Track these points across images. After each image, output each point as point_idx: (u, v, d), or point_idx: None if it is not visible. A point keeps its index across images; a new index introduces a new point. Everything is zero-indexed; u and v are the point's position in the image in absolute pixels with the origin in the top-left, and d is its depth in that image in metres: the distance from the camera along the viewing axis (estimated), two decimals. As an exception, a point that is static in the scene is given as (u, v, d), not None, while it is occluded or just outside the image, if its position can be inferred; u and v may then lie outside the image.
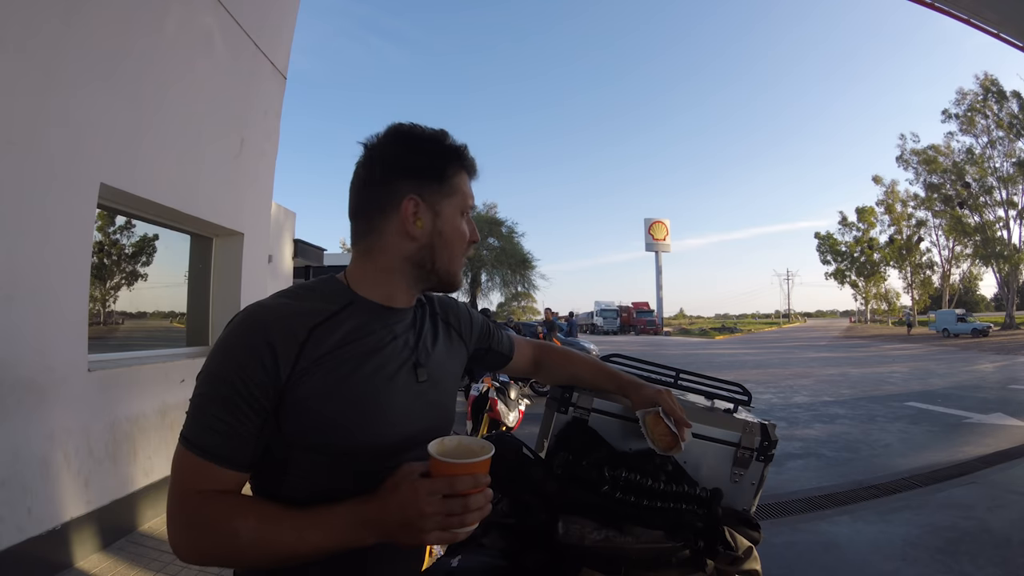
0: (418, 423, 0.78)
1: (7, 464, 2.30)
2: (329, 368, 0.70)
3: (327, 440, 0.71)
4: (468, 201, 0.82)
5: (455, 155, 0.80)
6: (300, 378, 0.68)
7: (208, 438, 0.66)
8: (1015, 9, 6.81)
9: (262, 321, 0.70)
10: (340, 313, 0.75)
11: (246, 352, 0.67)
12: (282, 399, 0.68)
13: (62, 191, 2.61)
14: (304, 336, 0.70)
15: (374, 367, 0.75)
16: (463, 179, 0.81)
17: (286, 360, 0.68)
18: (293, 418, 0.69)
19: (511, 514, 0.84)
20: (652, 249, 47.73)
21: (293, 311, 0.72)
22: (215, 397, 0.66)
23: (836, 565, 2.84)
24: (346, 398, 0.71)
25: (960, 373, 11.72)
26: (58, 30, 2.53)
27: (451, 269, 0.81)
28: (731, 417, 0.96)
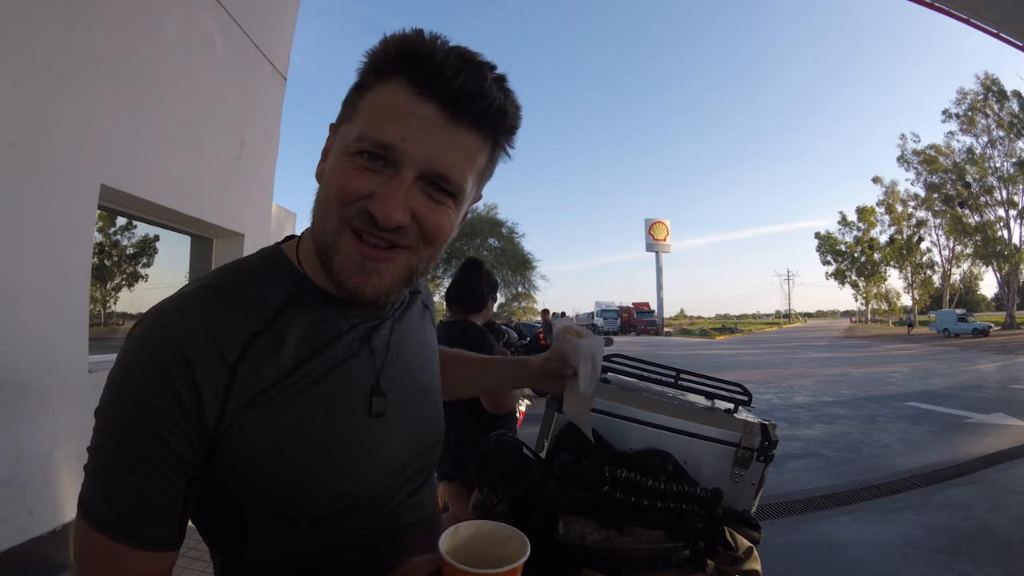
0: (403, 455, 0.60)
1: (8, 464, 2.30)
2: (282, 402, 0.50)
3: (290, 500, 0.51)
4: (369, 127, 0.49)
5: (378, 53, 0.51)
6: (239, 417, 0.48)
7: (113, 509, 0.46)
8: (1015, 9, 6.81)
9: (169, 335, 0.47)
10: (285, 310, 0.53)
11: (150, 385, 0.46)
12: (213, 448, 0.48)
13: (63, 192, 2.61)
14: (237, 352, 0.49)
15: (341, 392, 0.54)
16: (382, 93, 0.50)
17: (212, 392, 0.47)
18: (236, 474, 0.49)
19: (511, 514, 0.84)
20: (652, 249, 47.79)
21: (216, 313, 0.50)
22: (116, 453, 0.46)
23: (836, 565, 2.84)
24: (313, 440, 0.51)
25: (961, 373, 11.71)
26: (59, 31, 2.54)
27: (324, 241, 0.52)
28: (731, 417, 0.96)
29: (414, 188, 0.50)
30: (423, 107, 0.48)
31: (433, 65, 0.48)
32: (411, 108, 0.48)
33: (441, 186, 0.51)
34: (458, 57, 0.48)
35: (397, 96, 0.49)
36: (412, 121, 0.48)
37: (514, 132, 0.54)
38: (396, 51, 0.49)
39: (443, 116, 0.49)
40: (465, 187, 0.52)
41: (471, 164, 0.52)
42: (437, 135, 0.49)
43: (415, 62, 0.48)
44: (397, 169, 0.49)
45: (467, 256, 25.33)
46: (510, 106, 0.52)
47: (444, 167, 0.50)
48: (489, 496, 0.89)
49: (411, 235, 0.51)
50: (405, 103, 0.49)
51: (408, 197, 0.49)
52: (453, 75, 0.47)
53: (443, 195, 0.51)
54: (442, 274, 26.08)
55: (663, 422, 0.94)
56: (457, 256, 25.11)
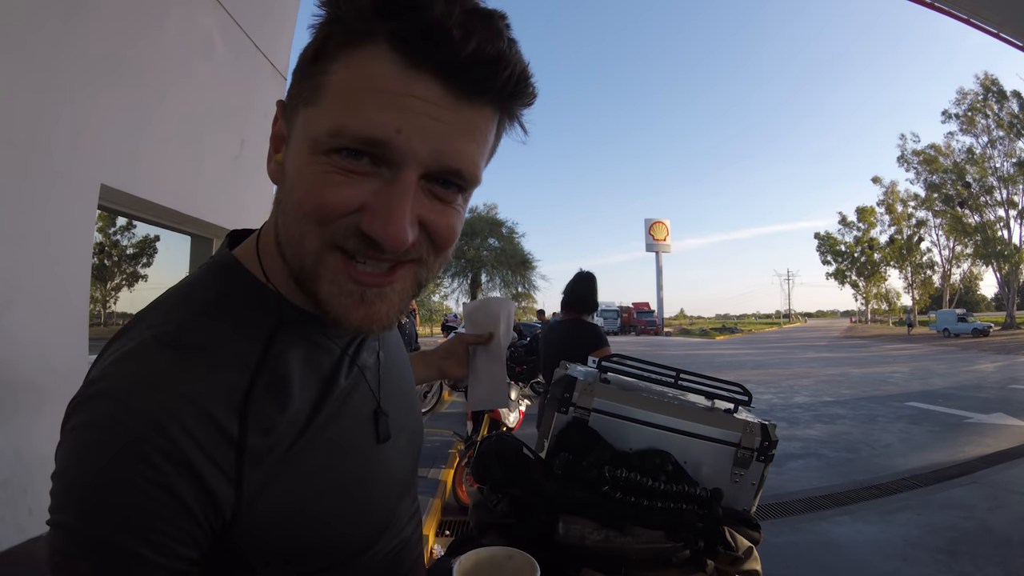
0: (408, 471, 0.58)
1: (8, 465, 2.30)
2: (302, 456, 0.42)
3: (308, 550, 0.43)
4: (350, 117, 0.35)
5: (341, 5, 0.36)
6: (258, 493, 0.39)
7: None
8: (1015, 9, 6.81)
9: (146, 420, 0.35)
10: (270, 351, 0.42)
11: (138, 489, 0.34)
12: (232, 530, 0.39)
13: (62, 192, 2.61)
14: (235, 423, 0.38)
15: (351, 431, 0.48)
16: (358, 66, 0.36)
17: (221, 479, 0.37)
18: (255, 541, 0.41)
19: (511, 514, 0.84)
20: (652, 249, 47.76)
21: (194, 376, 0.38)
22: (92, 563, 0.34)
23: (837, 565, 2.84)
24: (333, 489, 0.44)
25: (961, 373, 11.71)
26: (57, 30, 2.54)
27: (302, 265, 0.40)
28: (731, 417, 0.96)
29: (417, 190, 0.38)
30: (422, 84, 0.35)
31: (431, 21, 0.33)
32: (405, 87, 0.35)
33: (452, 181, 0.39)
34: (461, 8, 0.34)
35: (381, 69, 0.35)
36: (410, 105, 0.35)
37: (532, 103, 0.41)
38: (372, 3, 0.35)
39: (448, 94, 0.36)
40: (478, 176, 0.41)
41: (482, 147, 0.40)
42: (444, 120, 0.36)
43: (401, 15, 0.34)
44: (395, 170, 0.37)
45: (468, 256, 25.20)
46: (529, 72, 0.39)
47: (455, 160, 0.38)
48: (489, 496, 0.89)
49: (420, 247, 0.40)
50: (394, 80, 0.35)
51: (414, 206, 0.38)
52: (462, 37, 0.34)
53: (451, 191, 0.40)
54: (442, 274, 26.10)
55: (663, 422, 0.94)
56: (457, 256, 25.13)
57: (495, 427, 3.83)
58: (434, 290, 27.79)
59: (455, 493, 3.44)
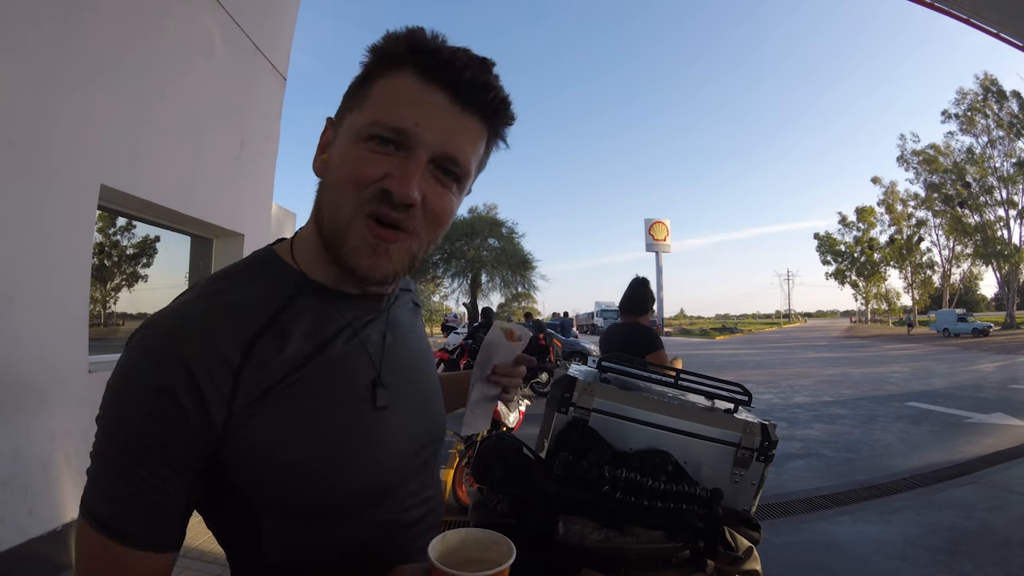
0: (409, 446, 0.62)
1: (8, 465, 2.30)
2: (286, 398, 0.51)
3: (298, 497, 0.52)
4: (383, 113, 0.51)
5: (385, 46, 0.53)
6: (244, 418, 0.48)
7: (112, 510, 0.47)
8: (1015, 9, 6.81)
9: (170, 342, 0.48)
10: (286, 309, 0.54)
11: (150, 395, 0.46)
12: (220, 452, 0.49)
13: (62, 192, 2.61)
14: (239, 357, 0.49)
15: (343, 387, 0.56)
16: (392, 82, 0.52)
17: (216, 398, 0.47)
18: (246, 474, 0.50)
19: (511, 514, 0.84)
20: (652, 249, 47.69)
21: (216, 317, 0.50)
22: (117, 459, 0.47)
23: (837, 565, 2.84)
24: (319, 435, 0.52)
25: (961, 373, 11.71)
26: (57, 31, 2.54)
27: (335, 228, 0.53)
28: (731, 417, 0.96)
29: (425, 171, 0.52)
30: (435, 95, 0.51)
31: (444, 57, 0.51)
32: (423, 96, 0.51)
33: (448, 168, 0.54)
34: (465, 52, 0.52)
35: (408, 84, 0.51)
36: (425, 107, 0.51)
37: (511, 124, 0.58)
38: (405, 44, 0.52)
39: (453, 103, 0.52)
40: (470, 170, 0.56)
41: (475, 150, 0.55)
42: (447, 120, 0.52)
43: (425, 54, 0.51)
44: (411, 152, 0.51)
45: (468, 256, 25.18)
46: (509, 100, 0.56)
47: (454, 150, 0.53)
48: (489, 496, 0.89)
49: (416, 218, 0.53)
50: (417, 91, 0.51)
51: (421, 179, 0.52)
52: (462, 67, 0.51)
53: (449, 178, 0.55)
54: (442, 274, 26.07)
55: (663, 422, 0.94)
56: (457, 256, 25.09)
57: (495, 427, 3.84)
58: (434, 290, 27.78)
59: (455, 493, 3.44)
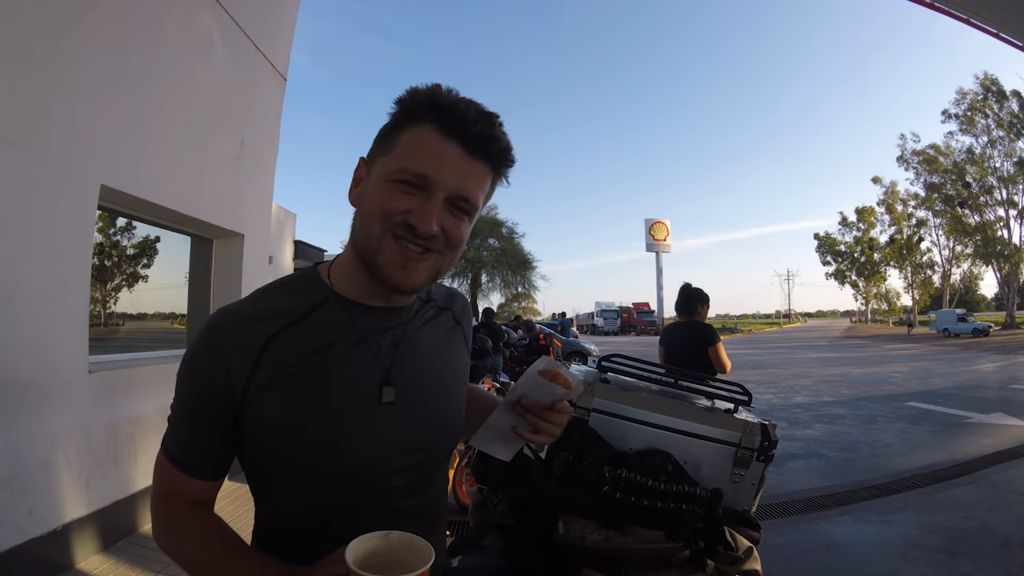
0: (405, 443, 0.69)
1: (8, 465, 2.30)
2: (291, 384, 0.64)
3: (293, 469, 0.65)
4: (409, 161, 0.62)
5: (410, 103, 0.64)
6: (257, 394, 0.63)
7: (174, 444, 0.67)
8: (1015, 9, 6.81)
9: (217, 329, 0.65)
10: (310, 315, 0.68)
11: (200, 363, 0.65)
12: (241, 416, 0.64)
13: (62, 192, 2.61)
14: (261, 345, 0.64)
15: (345, 381, 0.66)
16: (416, 134, 0.63)
17: (239, 374, 0.63)
18: (254, 441, 0.65)
19: (511, 514, 0.84)
20: (653, 249, 47.64)
21: (253, 315, 0.66)
22: (177, 405, 0.67)
23: (836, 565, 2.84)
24: (311, 420, 0.64)
25: (961, 373, 11.71)
26: (58, 31, 2.54)
27: (368, 246, 0.64)
28: (731, 417, 0.96)
29: (443, 207, 0.64)
30: (450, 146, 0.62)
31: (458, 114, 0.62)
32: (441, 147, 0.62)
33: (461, 206, 0.65)
34: (475, 108, 0.63)
35: (429, 137, 0.62)
36: (442, 157, 0.62)
37: (511, 166, 0.69)
38: (427, 102, 0.63)
39: (465, 153, 0.63)
40: (478, 205, 0.67)
41: (482, 188, 0.67)
42: (460, 167, 0.63)
43: (443, 111, 0.62)
44: (430, 193, 0.62)
45: (468, 256, 25.15)
46: (511, 147, 0.67)
47: (466, 191, 0.64)
48: (489, 496, 0.90)
49: (439, 242, 0.64)
50: (436, 143, 0.62)
51: (439, 215, 0.63)
52: (473, 123, 0.62)
53: (461, 212, 0.66)
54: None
55: (663, 422, 0.94)
56: (461, 258, 25.04)
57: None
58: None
59: (455, 493, 3.44)
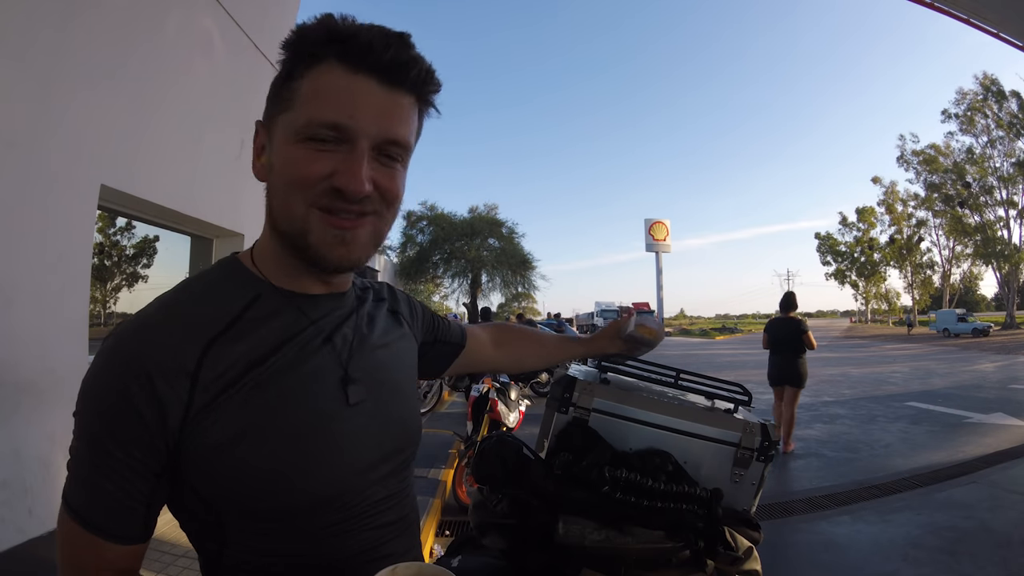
0: (374, 451, 0.61)
1: (8, 465, 2.30)
2: (244, 397, 0.51)
3: (260, 497, 0.52)
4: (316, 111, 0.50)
5: (301, 42, 0.52)
6: (201, 418, 0.50)
7: (87, 503, 0.50)
8: (1015, 9, 6.81)
9: (131, 348, 0.50)
10: (245, 313, 0.55)
11: (112, 399, 0.48)
12: (179, 454, 0.50)
13: (62, 193, 2.61)
14: (194, 360, 0.50)
15: (307, 385, 0.55)
16: (317, 77, 0.51)
17: (174, 401, 0.49)
18: (205, 475, 0.51)
19: (511, 514, 0.84)
20: (652, 249, 47.68)
21: (176, 324, 0.52)
22: (87, 451, 0.50)
23: (836, 565, 2.84)
24: (280, 434, 0.53)
25: (961, 373, 11.71)
26: (57, 32, 2.54)
27: (293, 228, 0.53)
28: (731, 417, 0.96)
29: (370, 158, 0.53)
30: (361, 81, 0.51)
31: (363, 42, 0.50)
32: (350, 84, 0.51)
33: (391, 152, 0.54)
34: (381, 32, 0.51)
35: (333, 76, 0.51)
36: (355, 96, 0.51)
37: (438, 91, 0.58)
38: (321, 36, 0.51)
39: (381, 86, 0.52)
40: (410, 145, 0.57)
41: (410, 125, 0.56)
42: (379, 104, 0.52)
43: (343, 42, 0.50)
44: (352, 144, 0.51)
45: (468, 256, 25.18)
46: (433, 69, 0.56)
47: (392, 132, 0.53)
48: (489, 496, 0.90)
49: (374, 202, 0.55)
50: (343, 81, 0.51)
51: (368, 168, 0.52)
52: (383, 48, 0.50)
53: (393, 160, 0.55)
54: (442, 274, 26.06)
55: (663, 422, 0.94)
56: (457, 256, 25.07)
57: (495, 427, 3.84)
58: (434, 290, 27.77)
59: (455, 493, 3.44)
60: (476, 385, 4.19)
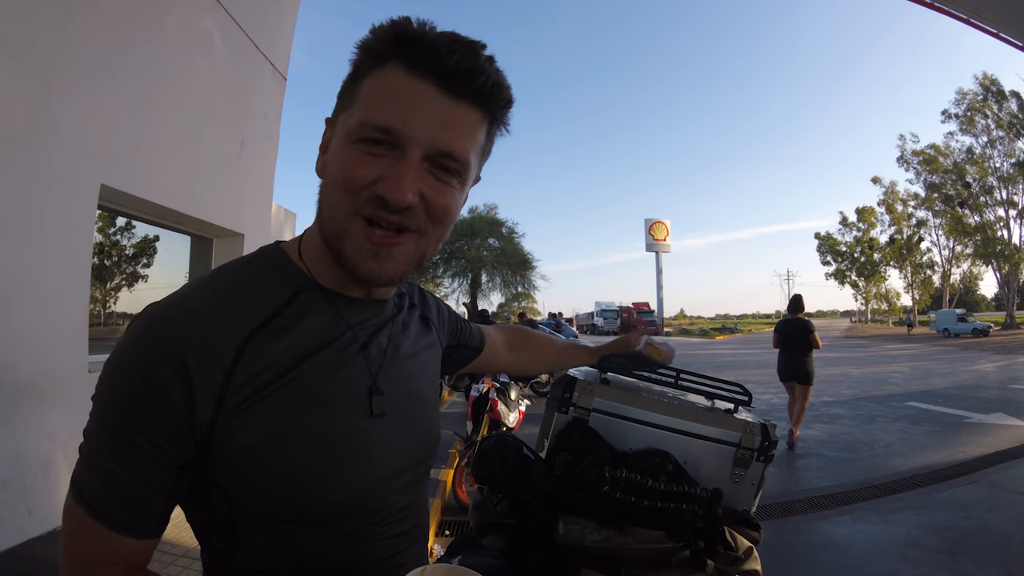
0: (399, 461, 0.60)
1: (8, 465, 2.30)
2: (277, 400, 0.50)
3: (281, 501, 0.51)
4: (370, 112, 0.49)
5: (370, 42, 0.50)
6: (233, 417, 0.48)
7: (98, 492, 0.47)
8: (1015, 9, 6.81)
9: (166, 331, 0.47)
10: (286, 308, 0.53)
11: (140, 383, 0.46)
12: (207, 447, 0.48)
13: (63, 192, 2.61)
14: (233, 353, 0.48)
15: (338, 394, 0.54)
16: (378, 79, 0.49)
17: (206, 392, 0.47)
18: (230, 473, 0.49)
19: (511, 514, 0.84)
20: (652, 249, 47.68)
21: (214, 312, 0.50)
22: (104, 442, 0.47)
23: (836, 565, 2.84)
24: (309, 442, 0.51)
25: (960, 373, 11.71)
26: (58, 32, 2.54)
27: (334, 231, 0.51)
28: (731, 417, 0.96)
29: (421, 169, 0.50)
30: (421, 86, 0.48)
31: (426, 45, 0.48)
32: (409, 88, 0.48)
33: (446, 165, 0.51)
34: (449, 37, 0.49)
35: (394, 79, 0.49)
36: (412, 101, 0.48)
37: (509, 107, 0.54)
38: (388, 37, 0.49)
39: (441, 93, 0.49)
40: (469, 162, 0.53)
41: (472, 140, 0.52)
42: (437, 113, 0.49)
43: (408, 44, 0.48)
44: (402, 151, 0.48)
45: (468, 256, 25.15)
46: (504, 81, 0.52)
47: (448, 144, 0.50)
48: (489, 496, 0.89)
49: (419, 217, 0.51)
50: (403, 84, 0.48)
51: (416, 178, 0.49)
52: (448, 53, 0.48)
53: (448, 175, 0.52)
54: (442, 274, 26.05)
55: (663, 422, 0.94)
56: (457, 256, 25.07)
57: (495, 427, 3.84)
58: (434, 290, 27.78)
59: (455, 493, 3.44)
60: (476, 385, 4.19)
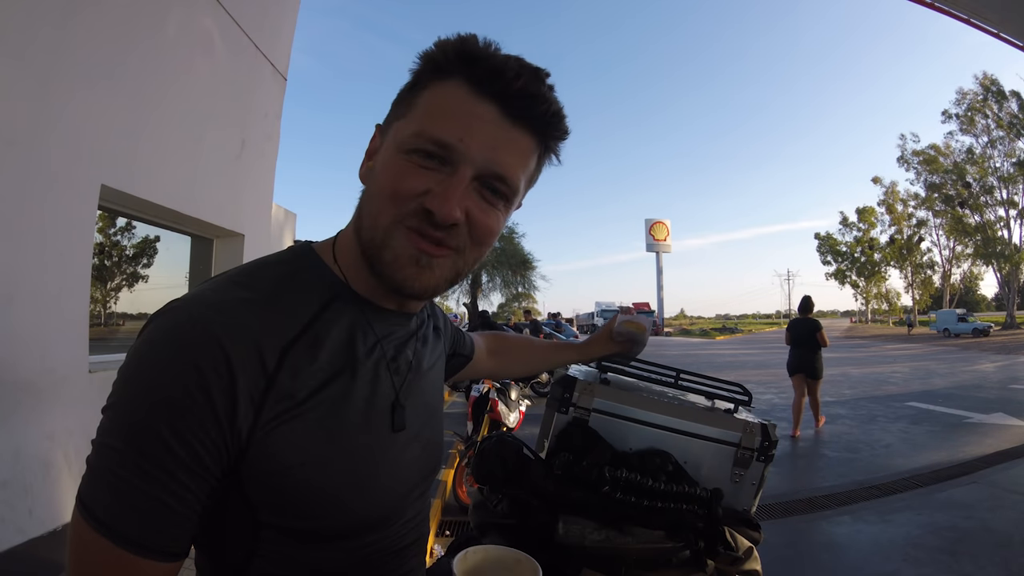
0: (417, 473, 0.61)
1: (8, 465, 2.30)
2: (316, 416, 0.48)
3: (310, 518, 0.49)
4: (428, 124, 0.48)
5: (435, 54, 0.50)
6: (272, 429, 0.45)
7: (119, 513, 0.41)
8: (1015, 9, 6.81)
9: (207, 331, 0.43)
10: (321, 316, 0.51)
11: (181, 385, 0.41)
12: (242, 459, 0.45)
13: (63, 192, 2.61)
14: (276, 359, 0.46)
15: (369, 410, 0.53)
16: (440, 92, 0.49)
17: (248, 398, 0.44)
18: (260, 487, 0.46)
19: (511, 514, 0.84)
20: (653, 249, 47.69)
21: (257, 314, 0.47)
22: (128, 455, 0.41)
23: (836, 565, 2.84)
24: (343, 459, 0.50)
25: (961, 373, 11.71)
26: (57, 31, 2.54)
27: (374, 238, 0.50)
28: (731, 417, 0.96)
29: (469, 189, 0.49)
30: (483, 107, 0.48)
31: (494, 66, 0.47)
32: (471, 107, 0.48)
33: (495, 187, 0.50)
34: (517, 61, 0.49)
35: (456, 95, 0.48)
36: (471, 120, 0.48)
37: (564, 138, 0.54)
38: (455, 52, 0.48)
39: (502, 116, 0.48)
40: (519, 188, 0.52)
41: (524, 166, 0.52)
42: (495, 134, 0.48)
43: (475, 62, 0.48)
44: (454, 168, 0.48)
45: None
46: (563, 112, 0.52)
47: (501, 167, 0.49)
48: (489, 496, 0.90)
49: (461, 236, 0.50)
50: (464, 102, 0.48)
51: (464, 196, 0.48)
52: (514, 77, 0.47)
53: (496, 197, 0.51)
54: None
55: (663, 422, 0.94)
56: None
57: (495, 427, 3.84)
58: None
59: (455, 493, 3.44)
60: (476, 385, 4.19)
